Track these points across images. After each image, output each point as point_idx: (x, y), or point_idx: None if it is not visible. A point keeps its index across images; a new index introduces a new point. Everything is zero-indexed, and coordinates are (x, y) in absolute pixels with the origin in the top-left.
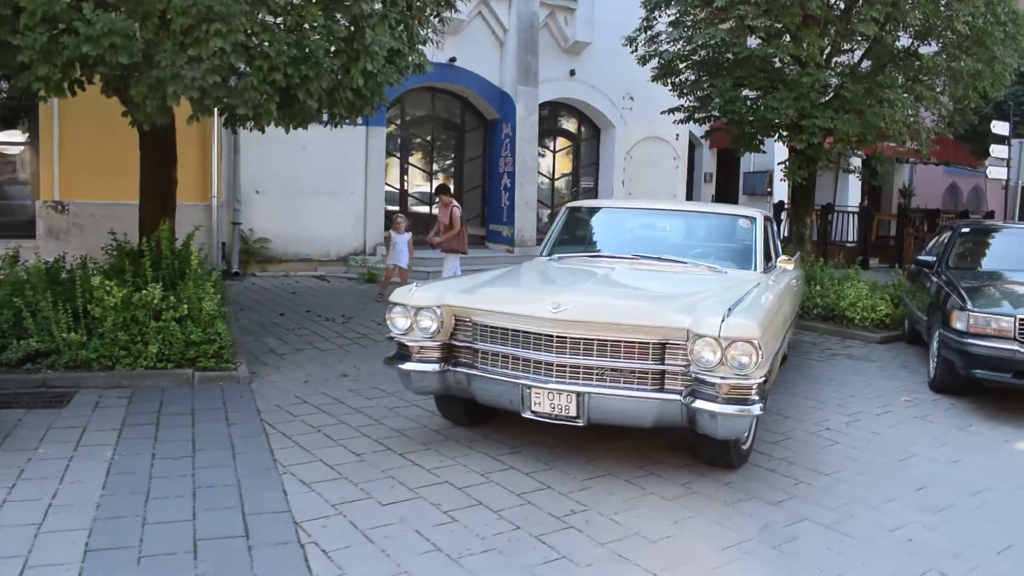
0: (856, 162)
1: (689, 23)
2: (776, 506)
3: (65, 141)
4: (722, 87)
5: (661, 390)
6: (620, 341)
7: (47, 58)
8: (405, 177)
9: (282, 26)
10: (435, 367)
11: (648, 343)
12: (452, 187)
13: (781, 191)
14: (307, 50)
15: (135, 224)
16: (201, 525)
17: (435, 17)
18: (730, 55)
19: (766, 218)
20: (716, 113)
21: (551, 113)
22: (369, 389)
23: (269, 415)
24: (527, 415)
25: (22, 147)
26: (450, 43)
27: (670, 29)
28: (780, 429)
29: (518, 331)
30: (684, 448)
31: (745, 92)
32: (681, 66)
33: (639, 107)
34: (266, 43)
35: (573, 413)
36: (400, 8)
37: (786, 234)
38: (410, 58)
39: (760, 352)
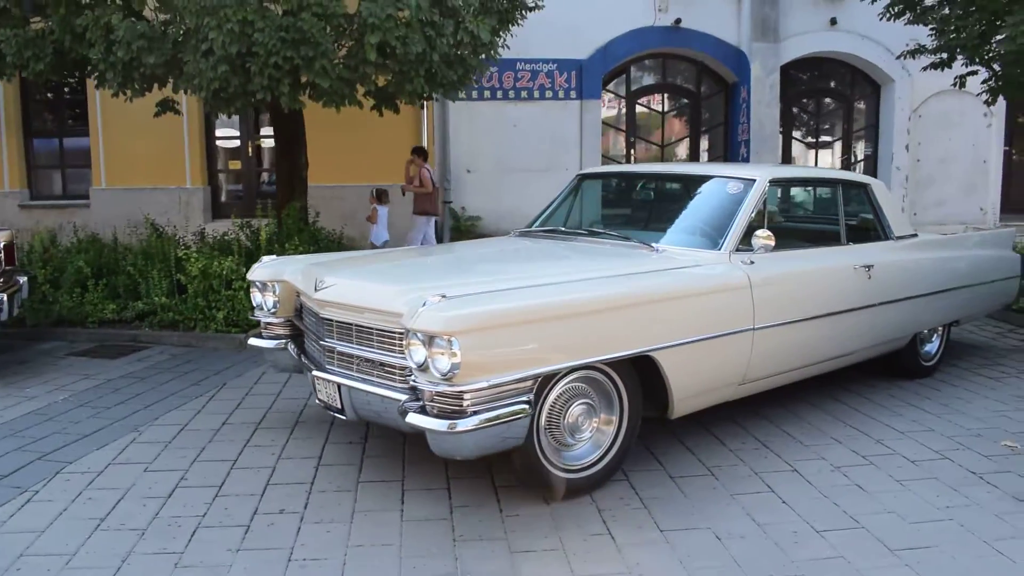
0: None
1: None
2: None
3: (310, 132)
4: (944, 16)
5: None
6: (371, 328)
7: (109, 66)
8: (632, 151)
9: (281, 11)
10: (274, 343)
11: (394, 333)
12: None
13: None
14: (303, 31)
15: (356, 203)
16: None
17: None
18: None
19: (779, 181)
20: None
21: (811, 70)
22: None
23: (238, 381)
24: (316, 402)
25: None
26: (675, 4)
27: None
28: (720, 460)
29: (311, 311)
30: None
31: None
32: None
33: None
34: (260, 30)
35: (338, 405)
36: None
37: None
38: (465, 27)
39: (457, 353)
